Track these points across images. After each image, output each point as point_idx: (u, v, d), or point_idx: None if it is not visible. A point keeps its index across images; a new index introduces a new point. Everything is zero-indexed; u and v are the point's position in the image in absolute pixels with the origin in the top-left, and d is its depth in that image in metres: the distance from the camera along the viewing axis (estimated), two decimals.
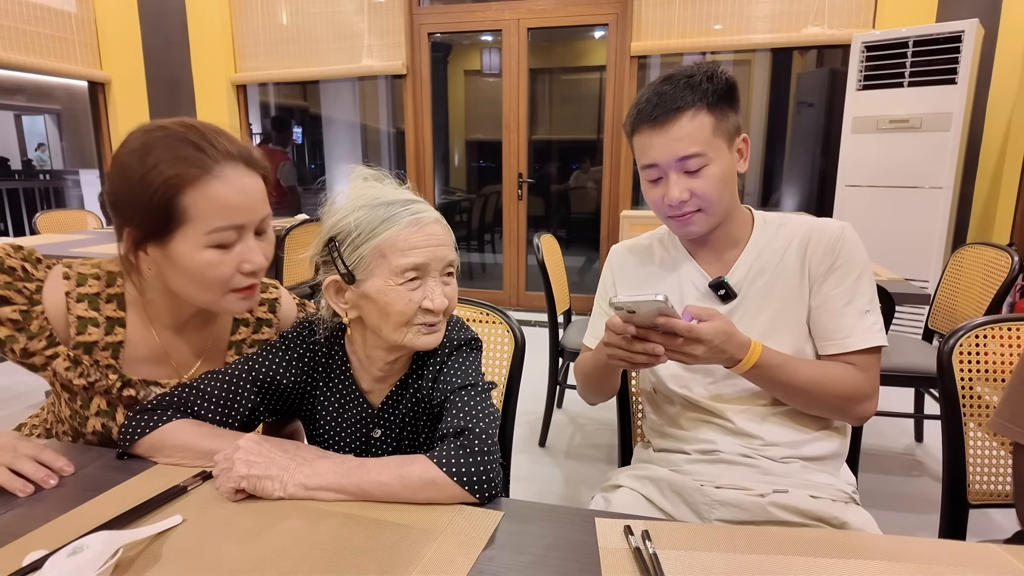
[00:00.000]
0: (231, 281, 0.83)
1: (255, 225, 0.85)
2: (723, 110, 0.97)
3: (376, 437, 0.95)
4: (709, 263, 1.07)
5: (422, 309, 0.83)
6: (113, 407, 0.92)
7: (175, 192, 0.77)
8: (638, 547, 0.63)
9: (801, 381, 0.94)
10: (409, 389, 0.94)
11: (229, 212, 0.80)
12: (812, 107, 4.30)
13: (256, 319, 1.03)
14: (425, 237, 0.82)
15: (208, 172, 0.78)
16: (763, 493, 0.94)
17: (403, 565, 0.61)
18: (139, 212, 0.78)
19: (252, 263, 0.84)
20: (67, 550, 0.58)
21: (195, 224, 0.78)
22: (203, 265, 0.80)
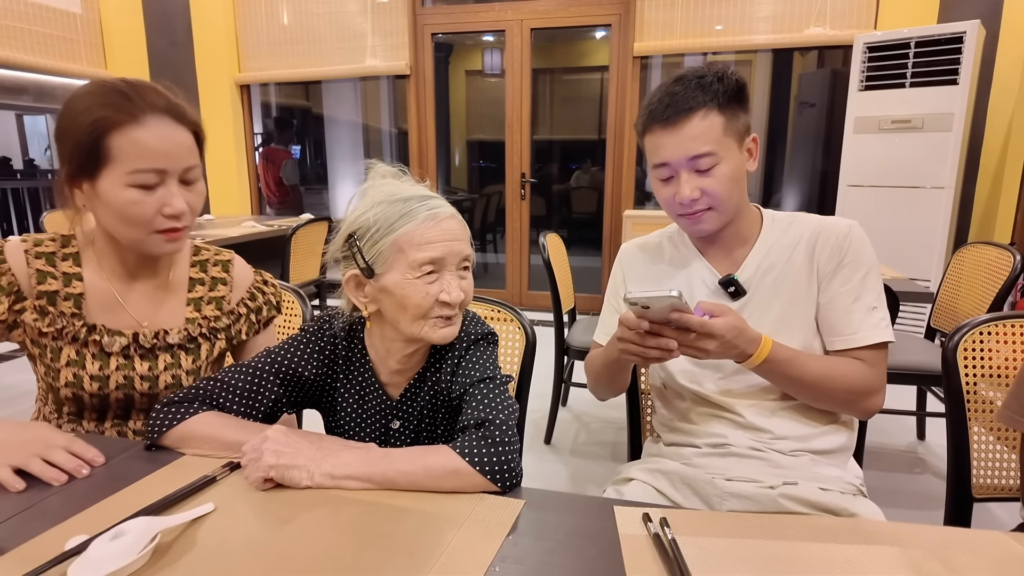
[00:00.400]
0: (153, 222, 0.92)
1: (178, 173, 0.92)
2: (733, 110, 0.99)
3: (395, 428, 0.97)
4: (719, 261, 1.09)
5: (439, 302, 0.85)
6: (82, 356, 0.97)
7: (101, 133, 0.86)
8: (657, 533, 0.65)
9: (810, 375, 0.96)
10: (428, 382, 0.96)
11: (150, 156, 0.89)
12: (813, 107, 4.32)
13: (211, 278, 1.11)
14: (441, 232, 0.84)
15: (134, 119, 0.87)
16: (773, 485, 0.96)
17: (429, 550, 0.63)
18: (71, 149, 0.88)
19: (172, 207, 0.92)
20: (109, 534, 0.61)
21: (118, 164, 0.88)
22: (125, 203, 0.89)
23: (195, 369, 1.05)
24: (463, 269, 0.88)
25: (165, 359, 1.02)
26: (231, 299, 1.12)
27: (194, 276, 1.09)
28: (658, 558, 0.62)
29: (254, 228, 3.39)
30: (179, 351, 1.04)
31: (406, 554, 0.63)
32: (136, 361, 1.00)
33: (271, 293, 1.18)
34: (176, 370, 1.03)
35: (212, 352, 1.08)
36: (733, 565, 0.62)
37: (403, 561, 0.62)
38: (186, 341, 1.04)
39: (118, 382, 0.99)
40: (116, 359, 0.98)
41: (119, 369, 0.98)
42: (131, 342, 0.99)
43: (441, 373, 0.95)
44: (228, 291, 1.11)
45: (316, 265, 3.42)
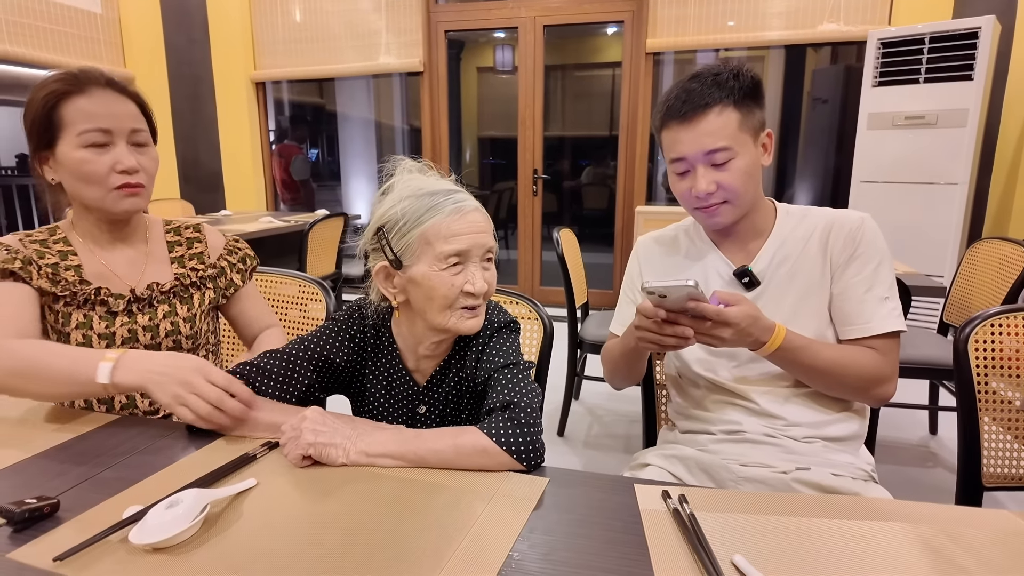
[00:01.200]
0: (108, 179, 1.03)
1: (125, 135, 1.04)
2: (749, 106, 1.01)
3: (421, 413, 1.01)
4: (733, 253, 1.12)
5: (464, 292, 0.88)
6: (89, 318, 1.07)
7: (54, 104, 1.00)
8: (676, 509, 0.69)
9: (823, 363, 0.98)
10: (453, 369, 1.00)
11: (94, 118, 1.01)
12: (826, 103, 4.31)
13: (187, 239, 1.23)
14: (467, 224, 0.88)
15: (79, 90, 1.01)
16: (786, 470, 0.99)
17: (461, 522, 0.67)
18: (31, 124, 1.02)
19: (123, 163, 1.03)
20: (165, 503, 0.65)
21: (70, 129, 1.01)
22: (79, 162, 1.01)
23: (191, 316, 1.15)
24: (487, 260, 0.92)
25: (163, 308, 1.13)
26: (210, 254, 1.23)
27: (171, 240, 1.21)
28: (678, 531, 0.66)
29: (271, 223, 3.44)
30: (174, 300, 1.15)
31: (439, 525, 0.66)
32: (137, 316, 1.10)
33: (244, 247, 1.30)
34: (174, 317, 1.14)
35: (204, 300, 1.19)
36: (750, 539, 0.65)
37: (437, 532, 0.65)
38: (179, 290, 1.16)
39: (123, 336, 1.08)
40: (121, 316, 1.08)
41: (123, 325, 1.09)
42: (131, 297, 1.10)
43: (466, 360, 0.98)
44: (204, 248, 1.23)
45: (332, 260, 3.47)
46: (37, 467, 0.80)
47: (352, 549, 0.63)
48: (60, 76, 1.02)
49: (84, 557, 0.61)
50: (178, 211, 4.60)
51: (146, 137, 1.08)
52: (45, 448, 0.85)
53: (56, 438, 0.88)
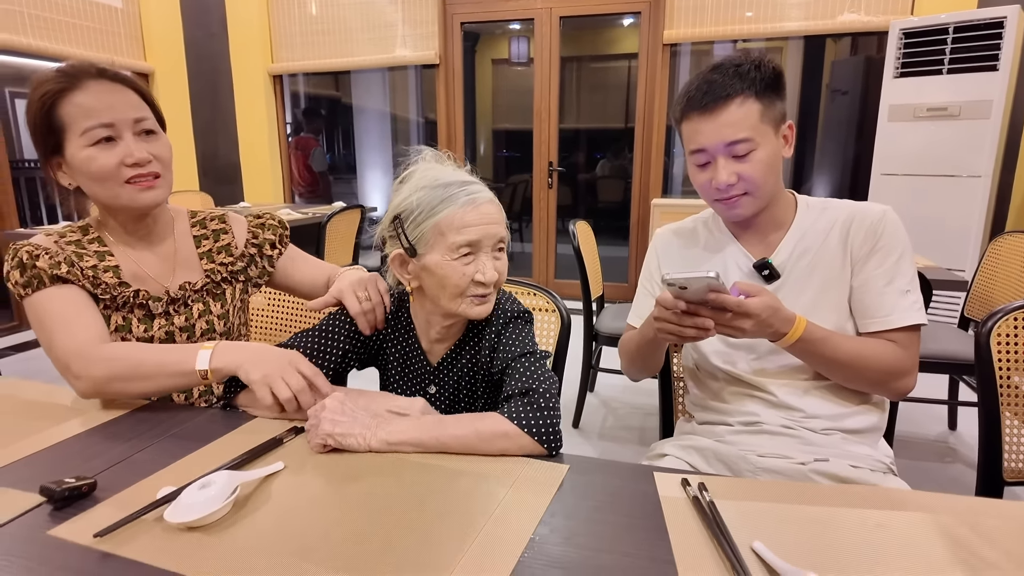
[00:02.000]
0: (119, 173, 0.99)
1: (129, 125, 1.00)
2: (770, 97, 1.01)
3: (431, 393, 1.04)
4: (753, 245, 1.12)
5: (474, 282, 0.91)
6: (128, 321, 1.06)
7: (51, 106, 0.97)
8: (696, 496, 0.70)
9: (843, 355, 0.98)
10: (466, 353, 1.02)
11: (94, 113, 0.97)
12: (846, 95, 4.26)
13: (213, 231, 1.21)
14: (479, 216, 0.90)
15: (71, 87, 0.97)
16: (804, 461, 1.00)
17: (483, 505, 0.68)
18: (34, 132, 0.99)
19: (132, 156, 0.99)
20: (197, 484, 0.67)
21: (72, 129, 0.97)
22: (87, 161, 0.98)
23: (224, 313, 1.16)
24: (498, 250, 0.94)
25: (197, 307, 1.13)
26: (237, 244, 1.21)
27: (197, 234, 1.19)
28: (697, 518, 0.67)
29: (290, 215, 3.48)
30: (207, 297, 1.15)
31: (461, 510, 0.68)
32: (174, 317, 1.10)
33: (267, 220, 1.26)
34: (208, 316, 1.14)
35: (235, 294, 1.19)
36: (769, 527, 0.65)
37: (459, 516, 0.67)
38: (212, 287, 1.15)
39: (160, 338, 1.09)
40: (159, 319, 1.08)
41: (161, 327, 1.08)
42: (167, 299, 1.09)
43: (480, 346, 1.00)
44: (231, 238, 1.21)
45: (349, 252, 3.50)
46: (74, 448, 0.83)
47: (376, 532, 0.64)
48: (50, 75, 0.98)
49: (123, 534, 0.64)
50: (197, 203, 4.66)
51: (152, 124, 1.04)
52: (81, 430, 0.88)
53: (91, 421, 0.91)
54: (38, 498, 0.69)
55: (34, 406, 0.98)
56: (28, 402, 0.99)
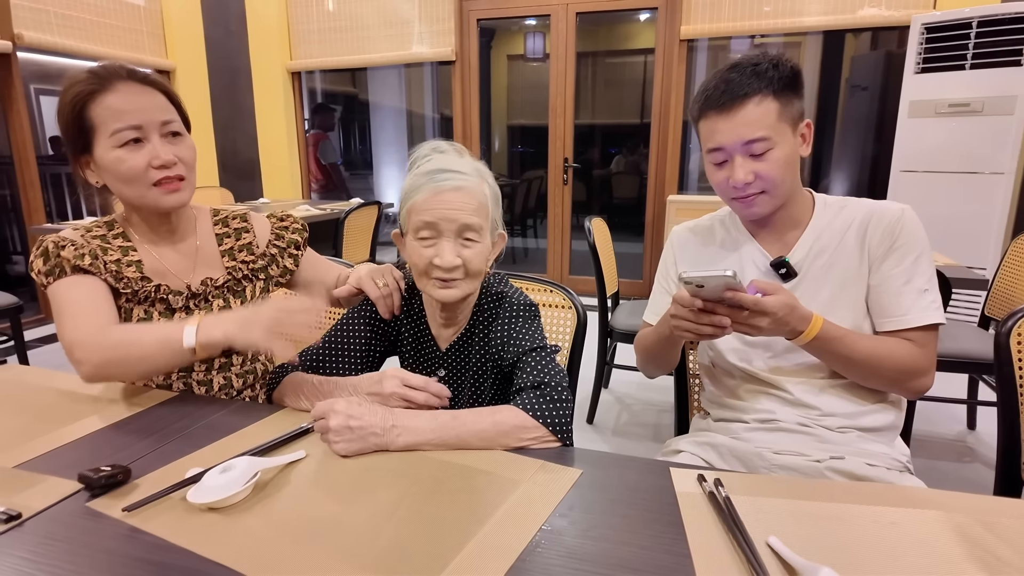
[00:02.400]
0: (146, 175, 1.02)
1: (157, 127, 1.03)
2: (788, 96, 1.01)
3: (440, 377, 1.07)
4: (770, 243, 1.12)
5: (432, 264, 0.95)
6: (149, 314, 1.09)
7: (81, 106, 0.99)
8: (712, 492, 0.71)
9: (860, 354, 0.99)
10: (476, 342, 1.05)
11: (123, 115, 1.00)
12: (866, 91, 4.21)
13: (235, 229, 1.23)
14: (440, 201, 0.93)
15: (102, 88, 0.99)
16: (820, 459, 1.00)
17: (500, 499, 0.70)
18: (65, 132, 1.02)
19: (159, 158, 1.02)
20: (219, 468, 0.71)
21: (102, 130, 1.00)
22: (115, 162, 1.00)
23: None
24: (466, 239, 0.96)
25: (218, 303, 1.15)
26: (259, 243, 1.23)
27: (219, 232, 1.22)
28: (713, 513, 0.68)
29: (308, 211, 3.52)
30: (228, 294, 1.17)
31: (481, 500, 0.70)
32: (195, 312, 1.12)
33: (290, 228, 1.29)
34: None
35: (256, 292, 1.21)
36: (784, 522, 0.66)
37: (472, 507, 0.69)
38: (232, 284, 1.18)
39: None
40: (180, 313, 1.10)
41: (181, 320, 1.09)
42: (188, 294, 1.11)
43: (489, 336, 1.03)
44: (253, 237, 1.24)
45: (367, 247, 3.54)
46: (108, 437, 0.86)
47: (388, 521, 0.66)
48: (82, 77, 1.00)
49: (149, 510, 0.68)
50: (217, 199, 4.72)
51: (179, 127, 1.07)
52: (114, 421, 0.91)
53: (123, 411, 0.95)
54: (77, 484, 0.72)
55: (66, 395, 1.01)
56: (60, 391, 1.03)
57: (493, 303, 1.04)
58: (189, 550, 0.61)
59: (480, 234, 0.96)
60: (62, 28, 4.04)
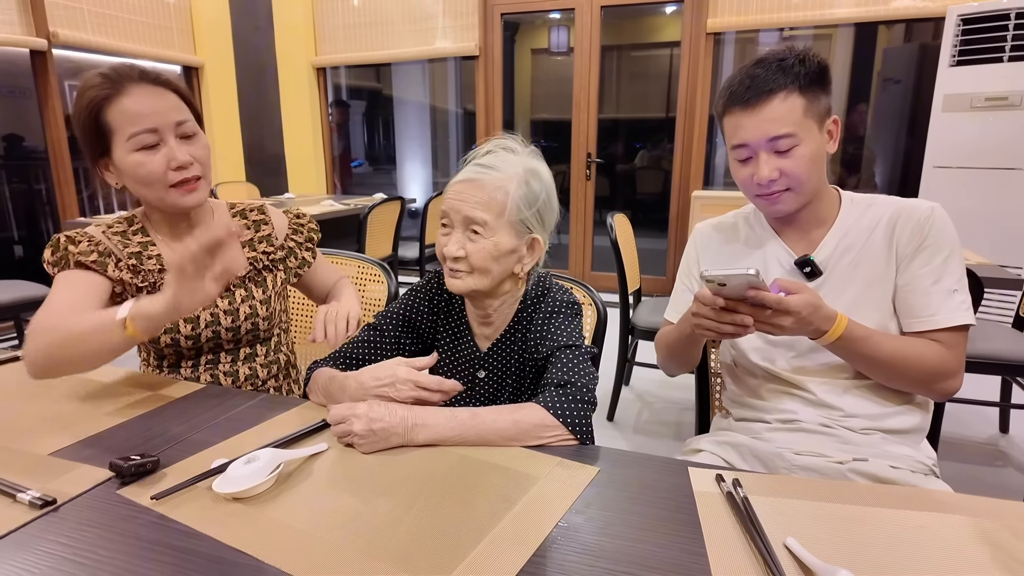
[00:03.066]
0: (165, 177, 1.04)
1: (172, 129, 1.04)
2: (815, 92, 1.00)
3: (480, 377, 1.07)
4: (795, 241, 1.11)
5: (442, 253, 0.97)
6: None
7: (97, 112, 1.00)
8: (730, 492, 0.70)
9: (884, 354, 0.97)
10: (516, 341, 1.04)
11: (139, 119, 1.01)
12: (898, 84, 4.11)
13: (253, 221, 1.26)
14: (454, 192, 0.95)
15: (117, 92, 1.00)
16: (842, 461, 0.99)
17: (518, 494, 0.71)
18: (82, 137, 1.04)
19: (176, 159, 1.03)
20: (243, 459, 0.73)
21: (119, 134, 1.01)
22: (135, 165, 1.02)
23: (266, 299, 1.21)
24: (472, 231, 0.96)
25: (240, 293, 1.18)
26: (277, 235, 1.27)
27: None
28: (731, 513, 0.68)
29: (332, 207, 3.56)
30: (250, 284, 1.20)
31: (499, 495, 0.70)
32: (218, 301, 1.15)
33: (307, 224, 1.34)
34: (251, 301, 1.19)
35: (276, 282, 1.24)
36: (803, 524, 0.66)
37: (489, 502, 0.69)
38: (254, 274, 1.21)
39: (207, 321, 1.14)
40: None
41: (206, 309, 1.14)
42: None
43: (530, 333, 1.02)
44: (271, 229, 1.27)
45: (389, 242, 3.57)
46: (137, 427, 0.89)
47: (406, 514, 0.68)
48: (95, 81, 1.01)
49: (176, 499, 0.70)
50: (243, 194, 4.80)
51: (193, 127, 1.07)
52: (143, 411, 0.94)
53: (152, 403, 0.97)
54: (108, 472, 0.74)
55: (98, 386, 1.05)
56: (93, 382, 1.07)
57: (535, 303, 1.04)
58: (214, 538, 0.63)
59: (487, 229, 0.94)
60: (95, 26, 4.14)
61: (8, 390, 1.03)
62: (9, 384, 1.05)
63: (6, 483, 0.72)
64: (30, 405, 0.97)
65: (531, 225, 0.98)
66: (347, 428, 0.81)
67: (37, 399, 0.99)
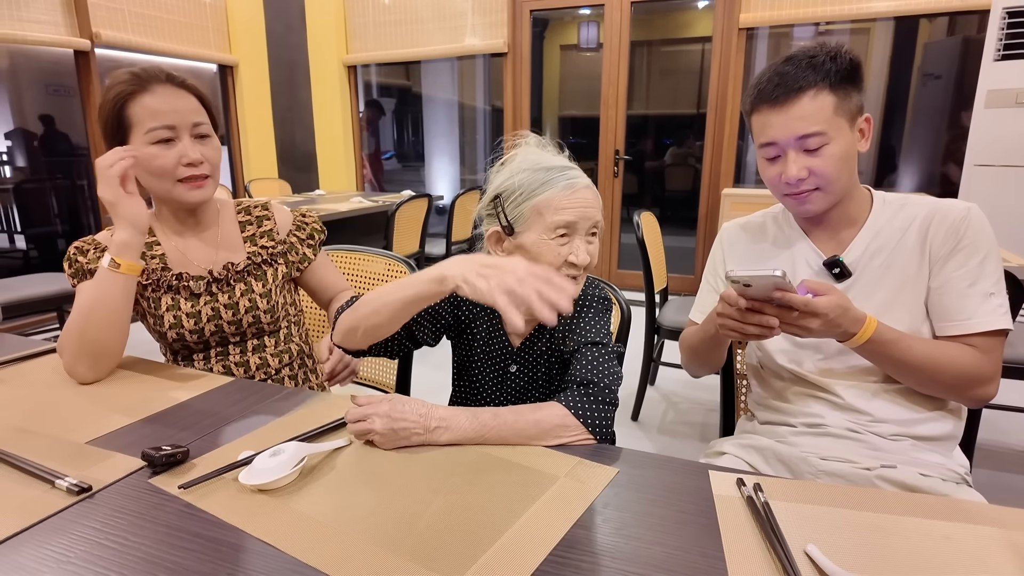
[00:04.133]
0: (175, 172, 1.11)
1: (188, 128, 1.11)
2: (846, 89, 0.97)
3: (512, 372, 1.07)
4: (824, 242, 1.08)
5: (567, 263, 0.93)
6: (176, 301, 1.17)
7: (122, 104, 1.08)
8: (751, 496, 0.70)
9: (916, 358, 0.95)
10: (546, 334, 1.04)
11: (159, 115, 1.08)
12: (939, 79, 3.98)
13: (256, 217, 1.30)
14: (577, 200, 0.92)
15: (142, 89, 1.08)
16: (870, 467, 0.97)
17: (536, 493, 0.71)
18: (104, 126, 1.10)
19: (188, 156, 1.10)
20: (269, 452, 0.74)
21: (138, 127, 1.08)
22: (149, 157, 1.09)
23: (267, 292, 1.24)
24: (591, 235, 0.96)
25: (240, 287, 1.21)
26: (279, 231, 1.30)
27: (242, 220, 1.29)
28: (751, 518, 0.67)
29: (361, 204, 3.61)
30: (249, 278, 1.23)
31: (517, 494, 0.71)
32: (218, 295, 1.19)
33: (312, 221, 1.36)
34: (251, 295, 1.22)
35: (277, 276, 1.27)
36: (825, 531, 0.65)
37: (514, 499, 0.70)
38: (253, 268, 1.23)
39: (208, 315, 1.18)
40: (204, 296, 1.18)
41: (206, 303, 1.18)
42: (209, 279, 1.19)
43: (560, 327, 1.02)
44: (273, 224, 1.30)
45: (417, 239, 3.60)
46: (168, 419, 0.92)
47: (425, 511, 0.68)
48: (124, 77, 1.08)
49: (203, 488, 0.72)
50: (275, 190, 4.89)
51: (207, 129, 1.14)
52: (174, 404, 0.97)
53: (182, 395, 1.00)
54: (140, 462, 0.77)
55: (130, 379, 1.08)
56: (126, 375, 1.10)
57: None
58: (239, 528, 0.65)
59: (600, 230, 0.97)
60: (135, 26, 4.26)
61: (49, 380, 1.07)
62: (49, 374, 1.09)
63: (47, 469, 0.75)
64: (70, 394, 1.01)
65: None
66: (368, 427, 0.81)
67: (76, 389, 1.03)
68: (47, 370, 1.11)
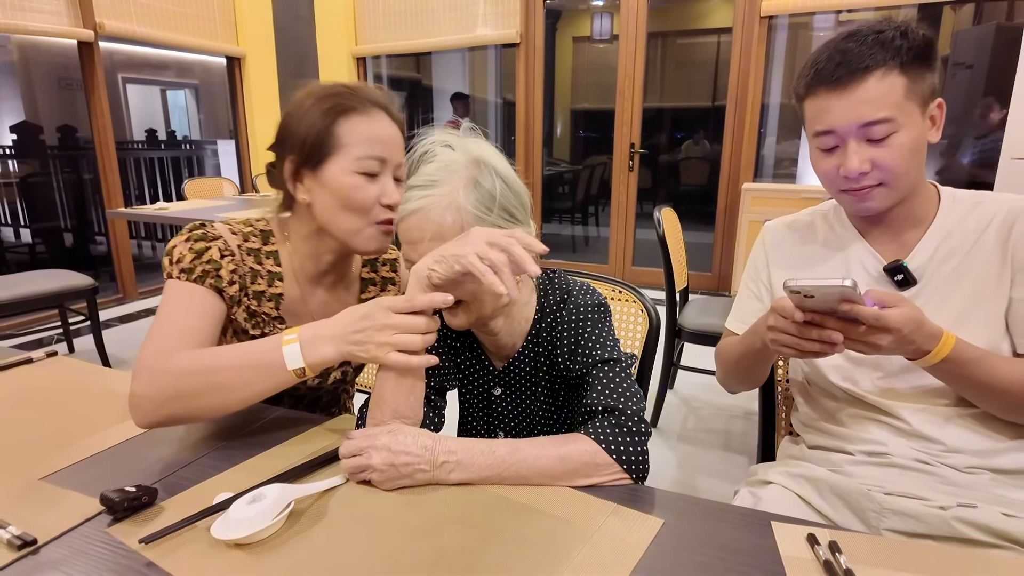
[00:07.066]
0: (373, 211, 0.93)
1: (394, 166, 0.94)
2: (919, 70, 0.85)
3: (496, 395, 0.95)
4: (883, 244, 0.96)
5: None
6: None
7: (332, 120, 0.91)
8: (828, 560, 0.57)
9: (1001, 381, 0.82)
10: (539, 355, 0.92)
11: (374, 144, 0.92)
12: (970, 69, 3.81)
13: (382, 278, 1.12)
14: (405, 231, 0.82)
15: (359, 109, 0.92)
16: (944, 506, 0.84)
17: (555, 557, 0.59)
18: (301, 140, 0.92)
19: (390, 197, 0.93)
20: (248, 497, 0.63)
21: (346, 150, 0.91)
22: (351, 187, 0.91)
23: (360, 365, 1.10)
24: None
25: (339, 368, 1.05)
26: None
27: (366, 276, 1.11)
28: None
29: None
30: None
31: (542, 552, 0.59)
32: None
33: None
34: (346, 367, 1.07)
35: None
36: None
37: (539, 560, 0.58)
38: None
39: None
40: None
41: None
42: None
43: (555, 346, 0.89)
44: (396, 292, 1.11)
45: None
46: (135, 449, 0.80)
47: (435, 569, 0.57)
48: (339, 90, 0.92)
49: (169, 542, 0.61)
50: None
51: (403, 172, 0.96)
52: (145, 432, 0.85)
53: None
54: (98, 506, 0.65)
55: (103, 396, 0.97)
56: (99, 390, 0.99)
57: (555, 310, 0.90)
58: None
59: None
60: (140, 16, 4.16)
61: (12, 398, 0.95)
62: (13, 391, 0.98)
63: None
64: (31, 416, 0.90)
65: (500, 227, 0.79)
66: (364, 462, 0.69)
67: (39, 410, 0.92)
68: (10, 387, 1.00)
